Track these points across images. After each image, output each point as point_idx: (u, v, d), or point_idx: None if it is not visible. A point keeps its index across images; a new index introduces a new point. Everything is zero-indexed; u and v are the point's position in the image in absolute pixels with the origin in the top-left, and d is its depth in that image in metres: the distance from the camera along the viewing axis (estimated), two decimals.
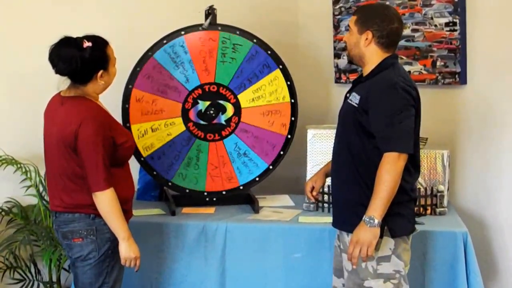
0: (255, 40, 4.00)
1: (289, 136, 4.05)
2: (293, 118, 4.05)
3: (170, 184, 4.02)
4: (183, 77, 3.97)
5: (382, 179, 2.95)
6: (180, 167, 4.02)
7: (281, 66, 4.03)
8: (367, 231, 2.96)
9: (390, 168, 2.95)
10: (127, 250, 3.17)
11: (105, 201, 3.10)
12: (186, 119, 4.00)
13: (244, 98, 4.02)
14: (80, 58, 3.08)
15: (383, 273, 3.08)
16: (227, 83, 4.00)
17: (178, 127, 4.00)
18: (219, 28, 3.98)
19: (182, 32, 3.96)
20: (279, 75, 4.02)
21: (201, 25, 3.96)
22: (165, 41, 3.95)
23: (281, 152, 4.05)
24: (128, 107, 3.94)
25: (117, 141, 3.18)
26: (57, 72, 3.14)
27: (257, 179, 4.07)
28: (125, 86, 3.92)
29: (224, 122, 4.03)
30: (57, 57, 3.10)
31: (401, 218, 3.08)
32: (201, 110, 4.01)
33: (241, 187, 4.07)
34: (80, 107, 3.13)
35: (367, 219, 2.95)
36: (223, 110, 4.02)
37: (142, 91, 3.93)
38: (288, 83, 4.03)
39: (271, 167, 4.06)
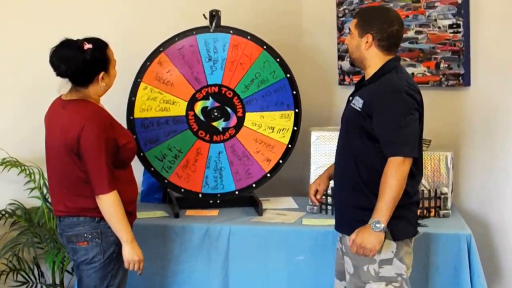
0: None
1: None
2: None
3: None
4: (209, 69, 3.98)
5: (388, 184, 2.94)
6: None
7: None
8: (372, 236, 2.96)
9: (395, 172, 2.94)
10: (131, 253, 3.16)
11: (109, 204, 3.10)
12: (190, 106, 4.00)
13: (250, 118, 4.03)
14: (81, 60, 3.08)
15: (385, 276, 3.08)
16: (244, 96, 4.02)
17: (178, 108, 3.99)
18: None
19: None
20: (291, 115, 4.04)
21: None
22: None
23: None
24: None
25: (120, 142, 3.17)
26: (58, 74, 3.13)
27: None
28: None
29: (220, 129, 4.03)
30: (58, 59, 3.10)
31: (403, 221, 3.08)
32: (207, 107, 4.01)
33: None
34: (82, 110, 3.13)
35: (373, 224, 2.95)
36: (227, 117, 4.02)
37: (166, 55, 3.96)
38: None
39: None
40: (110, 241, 3.17)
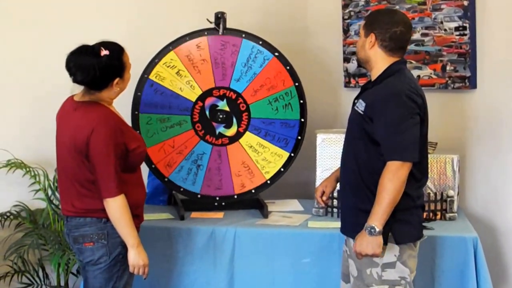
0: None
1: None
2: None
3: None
4: (238, 74, 3.99)
5: (384, 188, 2.94)
6: None
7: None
8: (370, 242, 2.96)
9: (392, 176, 2.94)
10: (136, 257, 3.16)
11: (116, 207, 3.10)
12: (202, 97, 3.99)
13: (248, 139, 4.03)
14: (98, 67, 3.06)
15: (388, 280, 3.08)
16: (254, 115, 4.03)
17: (191, 93, 3.97)
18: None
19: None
20: (284, 156, 4.05)
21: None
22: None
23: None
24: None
25: (129, 147, 3.17)
26: (74, 81, 3.11)
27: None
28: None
29: (220, 131, 4.01)
30: (75, 66, 3.07)
31: (406, 225, 3.07)
32: (217, 106, 3.99)
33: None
34: (93, 114, 3.12)
35: (368, 228, 2.95)
36: (229, 124, 4.02)
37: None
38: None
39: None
40: (117, 242, 3.17)
